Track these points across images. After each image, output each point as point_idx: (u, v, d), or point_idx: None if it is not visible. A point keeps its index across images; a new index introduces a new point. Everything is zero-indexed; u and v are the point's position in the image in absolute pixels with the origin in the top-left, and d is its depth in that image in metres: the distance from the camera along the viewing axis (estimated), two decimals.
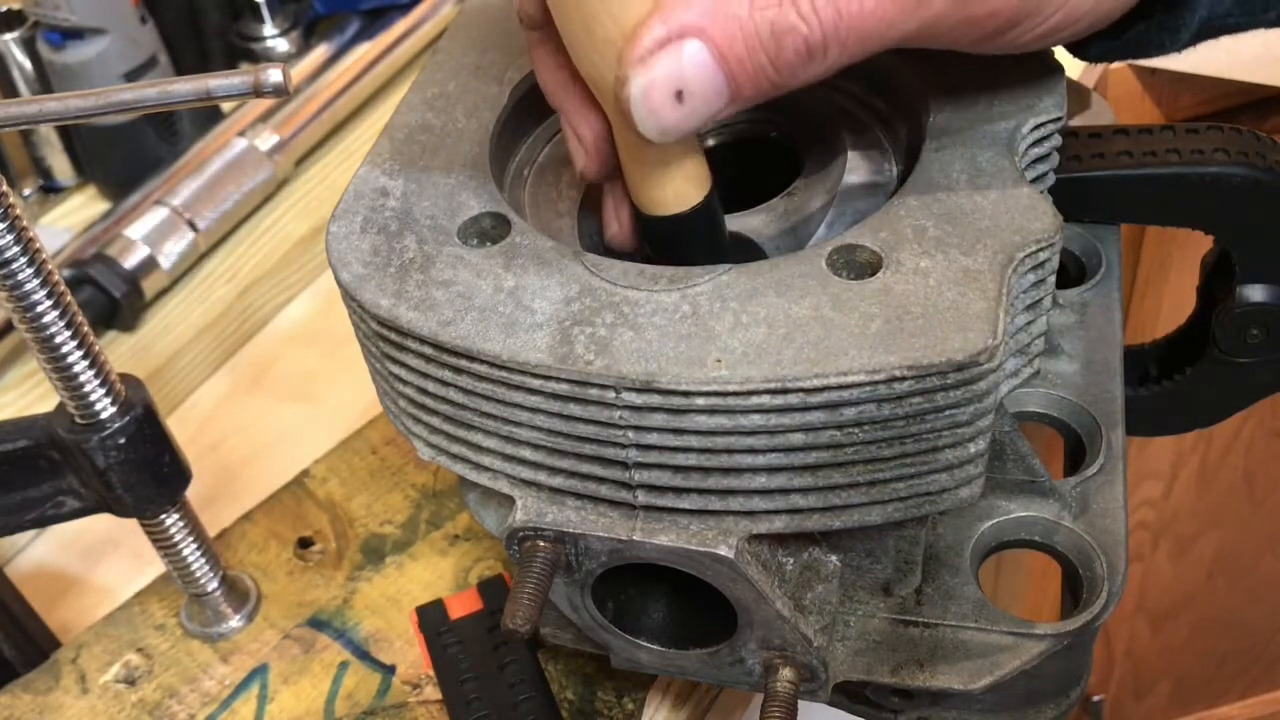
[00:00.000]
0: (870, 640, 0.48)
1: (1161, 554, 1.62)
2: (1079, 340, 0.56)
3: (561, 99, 0.44)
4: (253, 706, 0.59)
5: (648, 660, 0.49)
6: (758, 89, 0.38)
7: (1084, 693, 0.52)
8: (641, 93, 0.37)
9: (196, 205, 0.82)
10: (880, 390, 0.37)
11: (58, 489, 0.56)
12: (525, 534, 0.43)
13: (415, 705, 0.58)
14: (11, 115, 0.43)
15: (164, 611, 0.63)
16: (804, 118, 0.51)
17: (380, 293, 0.42)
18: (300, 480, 0.69)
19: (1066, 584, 0.50)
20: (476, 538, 0.65)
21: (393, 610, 0.62)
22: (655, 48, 0.37)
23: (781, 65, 0.38)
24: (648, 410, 0.39)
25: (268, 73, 0.42)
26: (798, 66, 0.38)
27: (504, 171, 0.50)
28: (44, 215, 0.90)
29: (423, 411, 0.44)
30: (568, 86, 0.43)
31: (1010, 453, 0.52)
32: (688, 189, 0.43)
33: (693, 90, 0.38)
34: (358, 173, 0.47)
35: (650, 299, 0.40)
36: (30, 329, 0.49)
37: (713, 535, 0.41)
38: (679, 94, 0.37)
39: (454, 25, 0.54)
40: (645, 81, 0.37)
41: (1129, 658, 1.76)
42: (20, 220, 0.46)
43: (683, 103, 0.38)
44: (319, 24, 0.99)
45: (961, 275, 0.39)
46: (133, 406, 0.53)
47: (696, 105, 0.38)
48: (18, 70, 0.87)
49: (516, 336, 0.40)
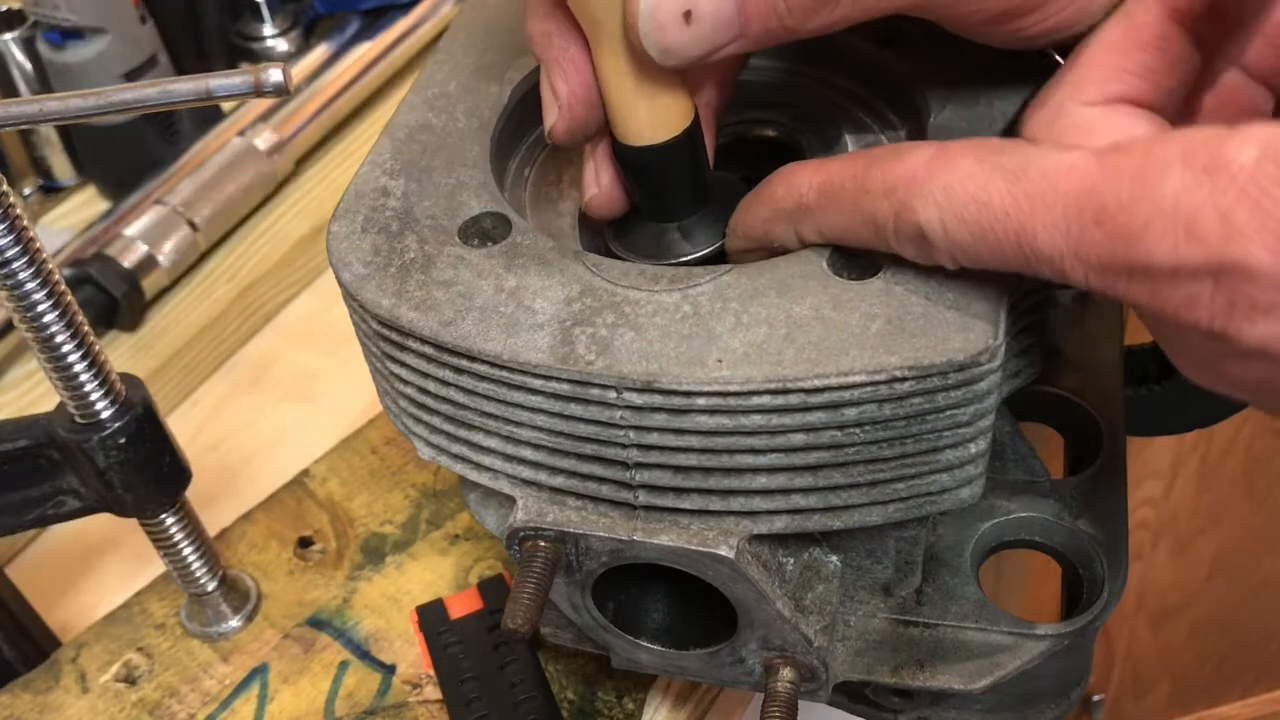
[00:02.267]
0: (871, 640, 0.48)
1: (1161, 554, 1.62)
2: (1079, 340, 0.56)
3: (545, 49, 0.43)
4: (253, 706, 0.59)
5: (648, 660, 0.49)
6: (767, 27, 0.39)
7: (1084, 693, 0.52)
8: (651, 7, 0.38)
9: (196, 205, 0.81)
10: (881, 390, 0.37)
11: (58, 489, 0.56)
12: (526, 534, 0.43)
13: (415, 705, 0.58)
14: (11, 115, 0.43)
15: (164, 611, 0.63)
16: (804, 116, 0.51)
17: (381, 292, 0.42)
18: (300, 480, 0.69)
19: (1066, 584, 0.50)
20: (477, 537, 0.65)
21: (393, 610, 0.62)
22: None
23: (794, 5, 0.38)
24: (649, 410, 0.39)
25: (268, 72, 0.42)
26: (810, 9, 0.38)
27: (505, 171, 0.50)
28: (44, 215, 0.90)
29: (423, 411, 0.44)
30: (553, 36, 0.43)
31: (1010, 453, 0.52)
32: (670, 119, 0.43)
33: (702, 13, 0.38)
34: (358, 172, 0.47)
35: (651, 299, 0.40)
36: (30, 329, 0.49)
37: (713, 535, 0.41)
38: (687, 14, 0.38)
39: (454, 25, 0.54)
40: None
41: (1129, 658, 1.76)
42: (20, 220, 0.46)
43: (689, 24, 0.38)
44: (319, 24, 0.99)
45: (962, 275, 0.39)
46: (133, 406, 0.53)
47: (704, 30, 0.38)
48: (18, 70, 0.87)
49: (517, 336, 0.40)
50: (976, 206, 0.34)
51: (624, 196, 0.46)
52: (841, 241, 0.40)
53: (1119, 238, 0.32)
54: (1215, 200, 0.31)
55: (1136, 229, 0.32)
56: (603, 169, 0.45)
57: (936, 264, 0.37)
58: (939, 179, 0.35)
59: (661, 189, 0.44)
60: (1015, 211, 0.34)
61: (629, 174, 0.45)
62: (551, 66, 0.43)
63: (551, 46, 0.43)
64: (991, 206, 0.34)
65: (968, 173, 0.35)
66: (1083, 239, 0.33)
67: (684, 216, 0.45)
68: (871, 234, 0.38)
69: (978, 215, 0.35)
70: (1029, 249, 0.34)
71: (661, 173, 0.44)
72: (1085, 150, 0.34)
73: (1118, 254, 0.32)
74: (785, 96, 0.52)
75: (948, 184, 0.35)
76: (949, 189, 0.35)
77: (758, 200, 0.43)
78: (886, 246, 0.38)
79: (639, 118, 0.42)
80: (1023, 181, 0.34)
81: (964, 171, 0.35)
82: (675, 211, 0.45)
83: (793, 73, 0.53)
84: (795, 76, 0.53)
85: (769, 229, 0.42)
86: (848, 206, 0.39)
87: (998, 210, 0.34)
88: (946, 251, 0.36)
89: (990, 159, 0.35)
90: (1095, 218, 0.32)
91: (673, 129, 0.43)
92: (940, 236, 0.36)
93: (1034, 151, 0.35)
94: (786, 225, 0.41)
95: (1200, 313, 0.32)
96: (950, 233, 0.35)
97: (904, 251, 0.38)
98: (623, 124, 0.43)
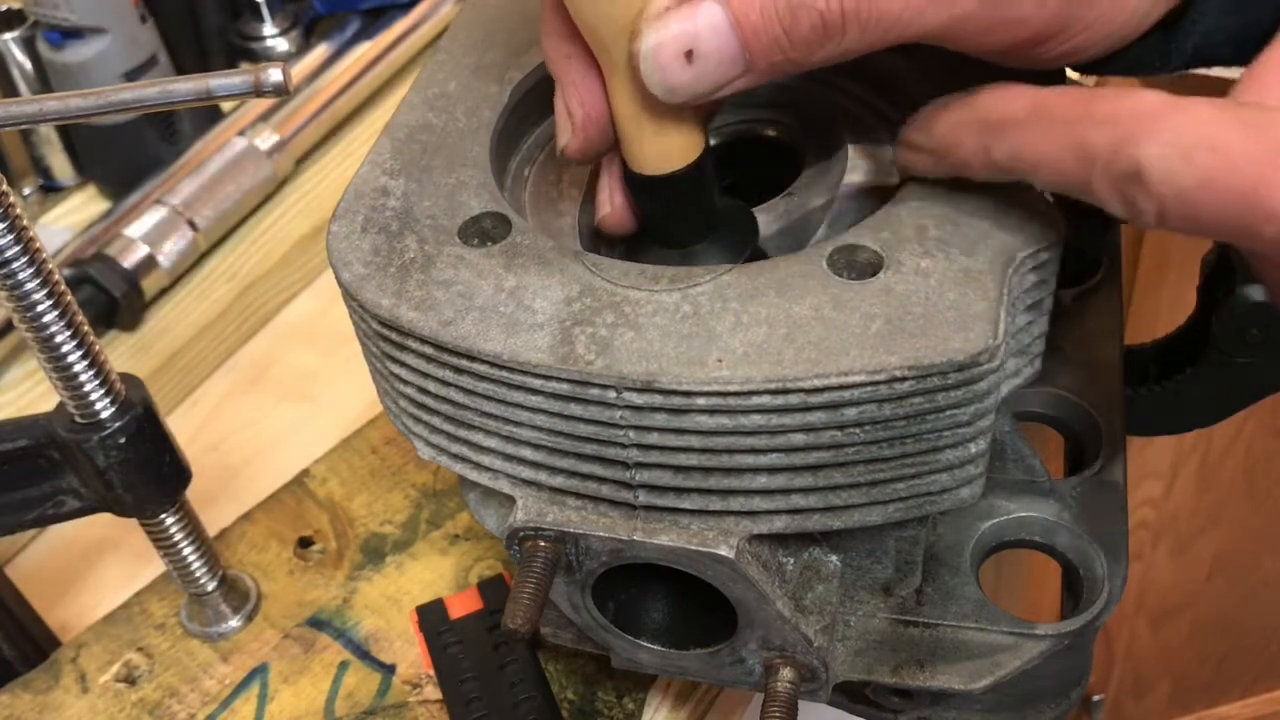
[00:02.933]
0: (870, 640, 0.48)
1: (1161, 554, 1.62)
2: (1079, 340, 0.56)
3: (562, 68, 0.43)
4: (253, 706, 0.59)
5: (648, 660, 0.49)
6: (771, 62, 0.38)
7: (1084, 693, 0.52)
8: (651, 49, 0.38)
9: (196, 205, 0.82)
10: (881, 390, 0.37)
11: (58, 489, 0.56)
12: (526, 534, 0.43)
13: (415, 705, 0.58)
14: (11, 115, 0.43)
15: (164, 611, 0.63)
16: (805, 117, 0.51)
17: (381, 292, 0.42)
18: (300, 480, 0.69)
19: (1066, 584, 0.50)
20: (476, 537, 0.65)
21: (393, 610, 0.62)
22: (673, 3, 0.37)
23: (797, 39, 0.38)
24: (649, 410, 0.39)
25: (268, 72, 0.42)
26: (814, 43, 0.38)
27: (504, 171, 0.50)
28: (44, 215, 0.90)
29: (423, 411, 0.44)
30: (571, 57, 0.43)
31: (1010, 453, 0.52)
32: (678, 151, 0.43)
33: (703, 52, 0.38)
34: (358, 172, 0.47)
35: (651, 299, 0.40)
36: (30, 329, 0.49)
37: (713, 535, 0.41)
38: (689, 54, 0.38)
39: (454, 25, 0.54)
40: (656, 38, 0.37)
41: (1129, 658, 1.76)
42: (20, 220, 0.46)
43: (691, 64, 0.38)
44: (319, 23, 0.99)
45: (962, 275, 0.39)
46: (133, 406, 0.53)
47: (707, 68, 0.38)
48: (18, 70, 0.87)
49: (517, 336, 0.40)
50: (1211, 152, 0.32)
51: (636, 218, 0.46)
52: (1034, 172, 0.38)
53: None
54: None
55: None
56: (616, 188, 0.45)
57: (1133, 218, 0.35)
58: (1172, 117, 0.33)
59: (668, 217, 0.44)
60: (1256, 161, 0.32)
61: (638, 198, 0.45)
62: (567, 87, 0.43)
63: (568, 68, 0.43)
64: (1231, 153, 0.32)
65: (1206, 117, 0.33)
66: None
67: (692, 243, 0.45)
68: (1075, 163, 0.36)
69: (1210, 160, 0.33)
70: (1261, 203, 0.32)
71: (668, 202, 0.44)
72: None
73: None
74: (786, 97, 0.52)
75: (1181, 124, 0.33)
76: (1181, 128, 0.33)
77: (959, 103, 0.40)
78: (1083, 188, 0.36)
79: (646, 148, 0.42)
80: (1270, 131, 0.32)
81: (1202, 115, 0.33)
82: (682, 239, 0.45)
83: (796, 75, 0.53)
84: (798, 78, 0.53)
85: (959, 136, 0.40)
86: (1060, 129, 0.36)
87: (1236, 156, 0.32)
88: (1159, 198, 0.34)
89: (1230, 108, 0.33)
90: None
91: (680, 161, 0.43)
92: (1161, 178, 0.33)
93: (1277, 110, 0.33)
94: (979, 138, 0.39)
95: None
96: (1174, 176, 0.33)
97: (1103, 195, 0.35)
98: (631, 152, 0.43)
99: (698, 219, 0.44)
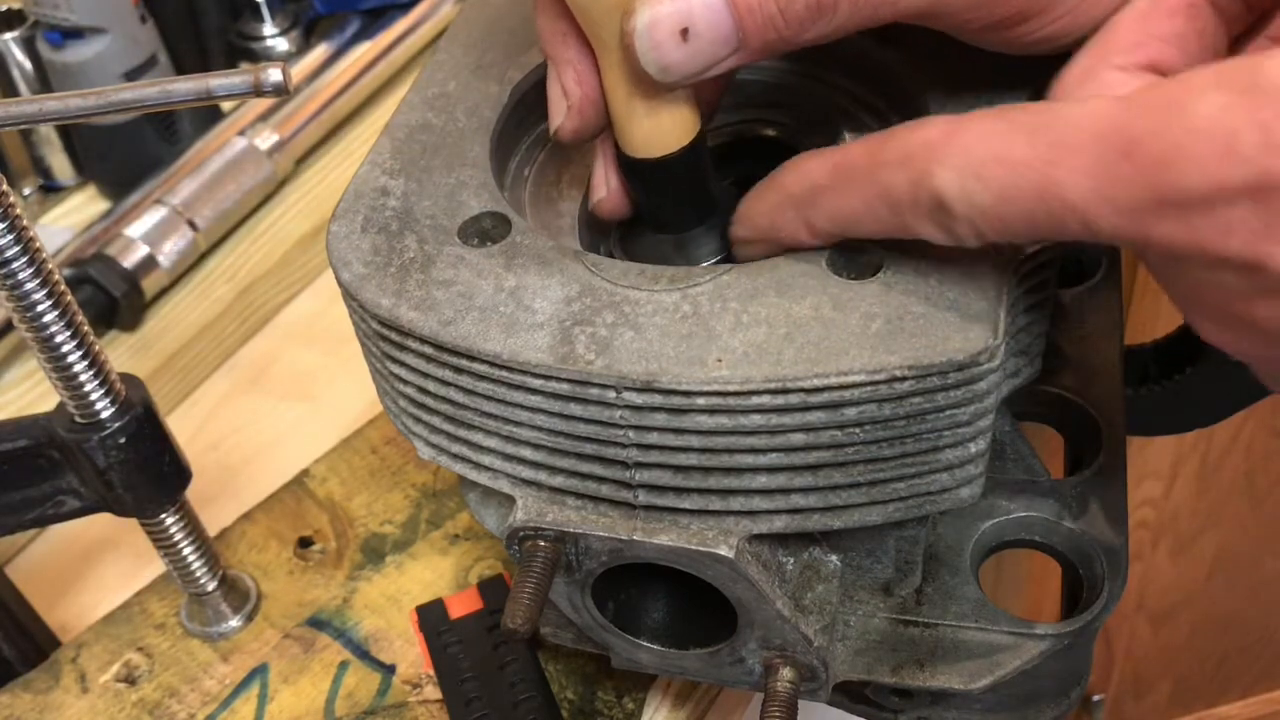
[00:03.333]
0: (870, 640, 0.48)
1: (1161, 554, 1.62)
2: (1079, 340, 0.56)
3: (556, 48, 0.43)
4: (253, 706, 0.59)
5: (648, 660, 0.49)
6: (765, 40, 0.38)
7: (1084, 693, 0.52)
8: (646, 26, 0.38)
9: (196, 205, 0.81)
10: (881, 390, 0.37)
11: (58, 489, 0.56)
12: (526, 533, 0.43)
13: (415, 705, 0.58)
14: (11, 115, 0.43)
15: (164, 611, 0.63)
16: (804, 116, 0.51)
17: (381, 292, 0.42)
18: (300, 480, 0.69)
19: (1066, 584, 0.50)
20: (476, 537, 0.65)
21: (393, 610, 0.62)
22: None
23: (790, 17, 0.38)
24: (648, 410, 0.39)
25: (268, 72, 0.42)
26: (806, 21, 0.38)
27: (504, 171, 0.50)
28: (44, 215, 0.90)
29: (423, 411, 0.44)
30: (565, 36, 0.42)
31: (1010, 453, 0.52)
32: (672, 133, 0.42)
33: (698, 30, 0.37)
34: (358, 172, 0.47)
35: (651, 298, 0.40)
36: (30, 329, 0.49)
37: (713, 535, 0.41)
38: (684, 32, 0.37)
39: (454, 25, 0.54)
40: (651, 15, 0.37)
41: (1129, 658, 1.76)
42: (20, 220, 0.46)
43: (687, 41, 0.38)
44: (319, 23, 0.99)
45: (962, 275, 0.39)
46: (133, 406, 0.53)
47: (701, 47, 0.38)
48: (18, 70, 0.87)
49: (517, 336, 0.40)
50: (997, 163, 0.33)
51: (631, 202, 0.46)
52: (855, 229, 0.38)
53: (1150, 167, 0.31)
54: (1254, 116, 0.29)
55: (1169, 154, 0.30)
56: (612, 171, 0.45)
57: (959, 243, 0.36)
58: (957, 141, 0.34)
59: (662, 200, 0.44)
60: (1039, 162, 0.32)
61: (631, 182, 0.45)
62: (562, 66, 0.43)
63: (565, 46, 0.43)
64: (1013, 161, 0.33)
65: (987, 131, 0.33)
66: (1110, 177, 0.31)
67: (686, 229, 0.45)
68: (888, 212, 0.36)
69: (999, 172, 0.33)
70: (1055, 201, 0.32)
71: (662, 185, 0.44)
72: (1111, 97, 0.32)
73: (1149, 185, 0.31)
74: (785, 96, 0.52)
75: (966, 145, 0.34)
76: (968, 149, 0.34)
77: (766, 188, 0.41)
78: (904, 229, 0.36)
79: (639, 130, 0.42)
80: (1046, 132, 0.32)
81: (983, 131, 0.34)
82: (677, 223, 0.45)
83: (792, 72, 0.53)
84: (795, 76, 0.53)
85: (776, 219, 0.41)
86: (862, 183, 0.37)
87: (1020, 164, 0.33)
88: (968, 220, 0.34)
89: (1010, 116, 0.34)
90: (1124, 150, 0.31)
91: (674, 143, 0.43)
92: (961, 201, 0.34)
93: (1056, 106, 0.33)
94: (796, 214, 0.40)
95: (1234, 240, 0.31)
96: (971, 196, 0.34)
97: (923, 230, 0.36)
98: (624, 134, 0.43)
99: (692, 202, 0.44)
